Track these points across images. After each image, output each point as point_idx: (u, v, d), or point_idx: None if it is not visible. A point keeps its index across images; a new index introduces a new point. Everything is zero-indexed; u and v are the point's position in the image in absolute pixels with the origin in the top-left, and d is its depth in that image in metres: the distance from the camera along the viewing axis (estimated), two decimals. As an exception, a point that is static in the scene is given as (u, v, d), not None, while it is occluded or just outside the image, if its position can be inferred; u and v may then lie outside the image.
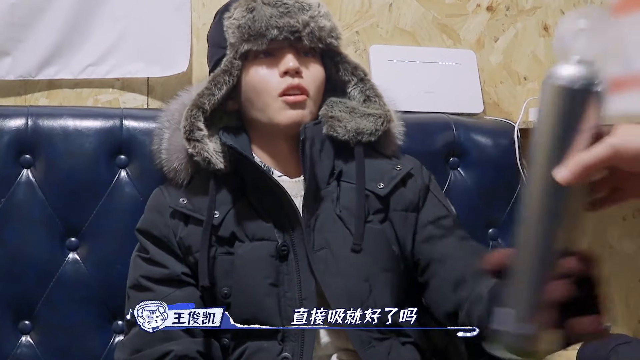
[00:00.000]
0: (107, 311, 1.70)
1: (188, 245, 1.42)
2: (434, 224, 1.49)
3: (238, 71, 1.45)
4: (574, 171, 0.74)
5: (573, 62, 0.81)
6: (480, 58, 2.06)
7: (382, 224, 1.45)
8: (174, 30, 1.89)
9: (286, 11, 1.44)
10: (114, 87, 1.90)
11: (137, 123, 1.74)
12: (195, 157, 1.43)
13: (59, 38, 1.82)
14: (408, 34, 2.04)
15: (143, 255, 1.46)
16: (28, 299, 1.67)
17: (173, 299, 1.38)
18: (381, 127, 1.50)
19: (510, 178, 1.92)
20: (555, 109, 0.79)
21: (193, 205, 1.44)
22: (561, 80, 0.80)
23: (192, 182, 1.47)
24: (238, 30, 1.44)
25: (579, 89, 0.78)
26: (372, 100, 1.53)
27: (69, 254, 1.70)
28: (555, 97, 0.79)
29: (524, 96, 2.08)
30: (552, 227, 0.82)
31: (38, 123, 1.70)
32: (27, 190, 1.68)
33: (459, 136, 1.90)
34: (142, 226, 1.49)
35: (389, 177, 1.50)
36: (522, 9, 2.09)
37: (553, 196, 0.80)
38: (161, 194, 1.50)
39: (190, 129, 1.43)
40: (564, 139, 0.78)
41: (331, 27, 1.49)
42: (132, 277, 1.47)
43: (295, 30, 1.43)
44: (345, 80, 1.55)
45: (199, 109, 1.44)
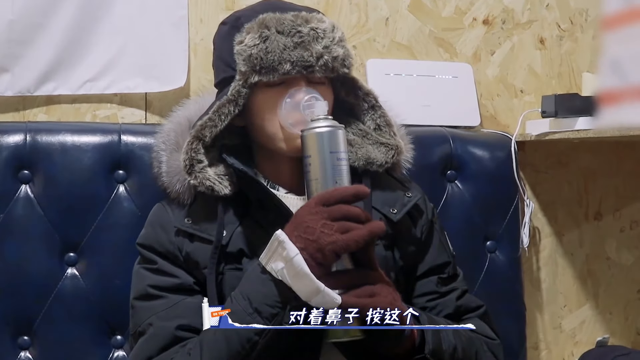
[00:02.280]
0: (106, 326, 1.70)
1: (195, 261, 1.42)
2: (436, 273, 1.52)
3: (245, 99, 1.42)
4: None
5: (318, 119, 1.32)
6: (476, 71, 2.07)
7: (386, 250, 1.47)
8: (171, 46, 1.89)
9: (300, 41, 1.38)
10: (112, 102, 1.90)
11: (136, 138, 1.75)
12: (198, 187, 1.43)
13: (58, 54, 1.83)
14: (405, 48, 2.05)
15: (149, 266, 1.45)
16: (27, 315, 1.67)
17: (186, 305, 1.40)
18: (391, 159, 1.49)
19: (507, 190, 1.93)
20: (321, 146, 1.30)
21: (199, 225, 1.44)
22: (322, 128, 1.31)
23: (196, 202, 1.46)
24: (249, 60, 1.38)
25: (332, 130, 1.31)
26: (382, 130, 1.52)
27: (68, 269, 1.70)
28: (320, 138, 1.30)
29: (520, 109, 2.08)
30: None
31: (36, 139, 1.70)
32: (26, 206, 1.68)
33: (456, 149, 1.90)
34: (145, 242, 1.48)
35: (401, 204, 1.51)
36: (518, 23, 2.10)
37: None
38: (164, 210, 1.49)
39: (190, 163, 1.42)
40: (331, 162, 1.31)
41: (344, 55, 1.43)
42: (137, 288, 1.46)
43: (308, 65, 1.38)
44: (358, 104, 1.53)
45: (200, 141, 1.42)
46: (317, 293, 1.21)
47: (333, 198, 1.26)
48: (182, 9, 1.90)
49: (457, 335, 1.39)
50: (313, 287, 1.21)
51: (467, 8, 2.08)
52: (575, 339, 2.16)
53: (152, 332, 1.39)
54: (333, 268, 1.28)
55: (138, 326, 1.43)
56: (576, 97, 1.90)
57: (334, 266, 1.28)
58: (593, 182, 2.16)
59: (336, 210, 1.25)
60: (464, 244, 1.78)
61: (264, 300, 1.26)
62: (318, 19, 1.43)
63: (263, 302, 1.26)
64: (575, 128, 1.84)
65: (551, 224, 2.13)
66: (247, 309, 1.27)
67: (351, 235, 1.23)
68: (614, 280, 2.18)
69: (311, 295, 1.22)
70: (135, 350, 1.42)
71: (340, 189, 1.28)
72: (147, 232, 1.50)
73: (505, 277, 1.91)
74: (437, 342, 1.35)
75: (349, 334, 1.28)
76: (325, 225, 1.23)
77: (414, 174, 1.59)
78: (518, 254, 1.94)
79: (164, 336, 1.38)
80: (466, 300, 1.53)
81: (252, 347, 1.27)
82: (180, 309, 1.40)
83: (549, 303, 2.14)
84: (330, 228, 1.23)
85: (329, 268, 1.25)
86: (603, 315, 2.17)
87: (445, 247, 1.57)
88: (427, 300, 1.50)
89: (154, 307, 1.42)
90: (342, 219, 1.24)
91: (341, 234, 1.23)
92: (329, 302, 1.22)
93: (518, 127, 1.99)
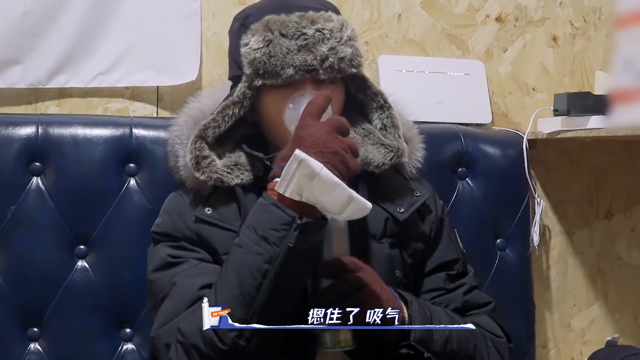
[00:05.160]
0: (115, 319, 1.70)
1: (214, 248, 1.42)
2: (444, 270, 1.52)
3: (251, 101, 1.43)
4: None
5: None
6: (488, 68, 2.06)
7: (392, 248, 1.46)
8: (183, 40, 1.89)
9: (304, 44, 1.38)
10: (124, 96, 1.91)
11: (147, 132, 1.75)
12: (208, 182, 1.44)
13: (70, 47, 1.83)
14: (417, 45, 2.04)
15: (169, 243, 1.44)
16: (37, 307, 1.68)
17: (209, 266, 1.39)
18: (389, 161, 1.48)
19: (518, 188, 1.93)
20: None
21: (220, 214, 1.44)
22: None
23: (216, 192, 1.46)
24: (253, 64, 1.39)
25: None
26: (387, 130, 1.51)
27: (78, 261, 1.71)
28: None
29: (532, 107, 2.08)
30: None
31: (48, 131, 1.71)
32: (37, 198, 1.69)
33: (467, 146, 1.90)
34: (161, 229, 1.48)
35: (409, 203, 1.51)
36: (531, 20, 2.10)
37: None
38: (180, 198, 1.50)
39: (196, 161, 1.43)
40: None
41: (352, 55, 1.42)
42: (155, 262, 1.44)
43: (312, 69, 1.37)
44: (367, 102, 1.53)
45: (203, 139, 1.44)
46: (349, 201, 1.21)
47: (336, 122, 1.30)
48: (194, 2, 1.90)
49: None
50: (346, 196, 1.20)
51: (480, 5, 2.07)
52: (585, 338, 2.15)
53: (176, 290, 1.37)
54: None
55: (160, 292, 1.40)
56: (589, 95, 1.89)
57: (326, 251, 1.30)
58: (604, 181, 2.15)
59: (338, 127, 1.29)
60: (474, 241, 1.78)
61: (269, 225, 1.25)
62: (325, 18, 1.41)
63: (268, 227, 1.25)
64: (587, 127, 1.83)
65: (562, 222, 2.13)
66: (253, 239, 1.26)
67: (353, 161, 1.28)
68: (624, 280, 2.17)
69: (344, 206, 1.21)
70: (159, 314, 1.39)
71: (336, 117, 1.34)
72: (163, 220, 1.50)
73: (515, 275, 1.91)
74: (427, 331, 1.34)
75: (339, 344, 1.29)
76: (337, 138, 1.26)
77: (424, 172, 1.59)
78: (528, 252, 1.93)
79: (190, 294, 1.35)
80: (474, 295, 1.52)
81: (262, 275, 1.25)
82: (204, 269, 1.39)
83: (558, 302, 2.13)
84: (340, 141, 1.27)
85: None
86: (612, 314, 2.16)
87: (454, 245, 1.56)
88: (433, 296, 1.50)
89: (176, 271, 1.40)
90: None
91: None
92: (362, 209, 1.22)
93: (530, 125, 1.99)
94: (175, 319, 1.34)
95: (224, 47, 1.88)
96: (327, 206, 1.22)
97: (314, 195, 1.21)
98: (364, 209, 1.22)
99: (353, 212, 1.22)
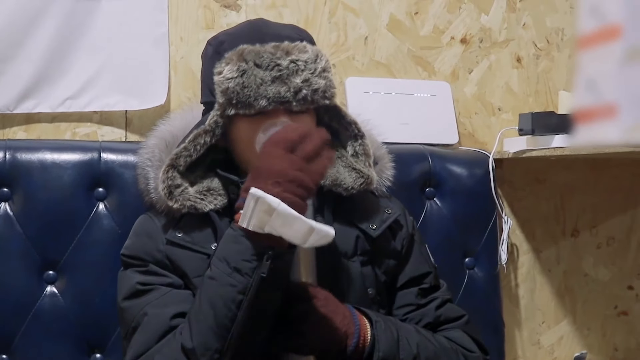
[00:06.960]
0: (85, 344, 1.69)
1: (184, 272, 1.42)
2: (416, 284, 1.52)
3: (222, 129, 1.43)
4: None
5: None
6: (454, 89, 2.09)
7: (363, 266, 1.47)
8: (152, 64, 1.90)
9: (278, 75, 1.37)
10: (92, 120, 1.90)
11: (116, 156, 1.74)
12: (182, 209, 1.44)
13: (38, 72, 1.83)
14: (383, 67, 2.06)
15: (138, 268, 1.44)
16: (5, 333, 1.66)
17: (179, 294, 1.39)
18: (358, 187, 1.49)
19: (485, 207, 1.94)
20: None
21: (192, 237, 1.44)
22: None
23: (187, 215, 1.46)
24: (226, 93, 1.38)
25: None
26: (359, 157, 1.51)
27: (47, 287, 1.69)
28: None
29: (498, 126, 2.10)
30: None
31: (16, 156, 1.70)
32: (5, 224, 1.68)
33: (435, 166, 1.92)
34: (130, 252, 1.47)
35: (381, 220, 1.52)
36: (495, 42, 2.13)
37: None
38: (151, 221, 1.49)
39: (169, 190, 1.43)
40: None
41: (326, 86, 1.42)
42: (125, 289, 1.44)
43: (285, 100, 1.37)
44: (341, 132, 1.53)
45: (174, 168, 1.44)
46: (311, 232, 1.21)
47: (283, 140, 1.28)
48: (162, 26, 1.91)
49: (423, 344, 1.39)
50: (306, 227, 1.21)
51: (445, 27, 2.10)
52: (554, 354, 2.17)
53: (147, 320, 1.37)
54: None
55: (131, 322, 1.39)
56: (552, 115, 1.92)
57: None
58: (570, 199, 2.17)
59: (291, 146, 1.27)
60: (442, 260, 1.78)
61: (240, 257, 1.26)
62: (300, 48, 1.40)
63: (240, 258, 1.26)
64: (551, 145, 1.86)
65: (529, 240, 2.15)
66: (225, 270, 1.27)
67: (321, 160, 1.26)
68: (591, 296, 2.19)
69: (306, 237, 1.22)
70: (132, 346, 1.38)
71: (281, 131, 1.31)
72: (132, 242, 1.50)
73: (483, 293, 1.92)
74: (392, 351, 1.35)
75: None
76: (293, 161, 1.25)
77: (393, 192, 1.60)
78: (496, 270, 1.95)
79: (161, 324, 1.35)
80: (447, 309, 1.53)
81: (237, 306, 1.26)
82: (175, 296, 1.39)
83: (527, 319, 2.15)
84: (297, 162, 1.25)
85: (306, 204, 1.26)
86: (581, 331, 2.18)
87: (425, 259, 1.58)
88: (406, 312, 1.50)
89: (147, 300, 1.39)
90: (300, 152, 1.26)
91: (310, 164, 1.25)
92: (324, 237, 1.23)
93: (496, 145, 2.01)
94: (149, 352, 1.34)
95: (193, 70, 1.89)
96: (290, 238, 1.23)
97: (275, 229, 1.22)
98: (327, 237, 1.23)
99: (315, 241, 1.23)
